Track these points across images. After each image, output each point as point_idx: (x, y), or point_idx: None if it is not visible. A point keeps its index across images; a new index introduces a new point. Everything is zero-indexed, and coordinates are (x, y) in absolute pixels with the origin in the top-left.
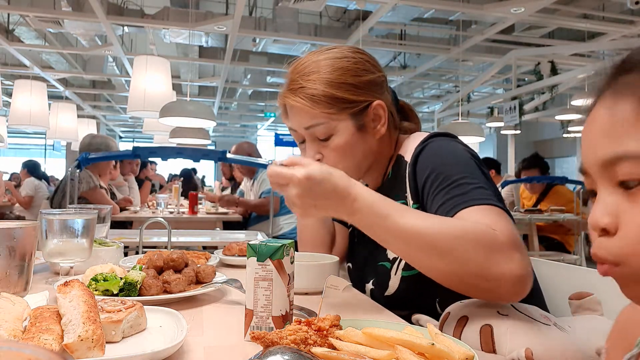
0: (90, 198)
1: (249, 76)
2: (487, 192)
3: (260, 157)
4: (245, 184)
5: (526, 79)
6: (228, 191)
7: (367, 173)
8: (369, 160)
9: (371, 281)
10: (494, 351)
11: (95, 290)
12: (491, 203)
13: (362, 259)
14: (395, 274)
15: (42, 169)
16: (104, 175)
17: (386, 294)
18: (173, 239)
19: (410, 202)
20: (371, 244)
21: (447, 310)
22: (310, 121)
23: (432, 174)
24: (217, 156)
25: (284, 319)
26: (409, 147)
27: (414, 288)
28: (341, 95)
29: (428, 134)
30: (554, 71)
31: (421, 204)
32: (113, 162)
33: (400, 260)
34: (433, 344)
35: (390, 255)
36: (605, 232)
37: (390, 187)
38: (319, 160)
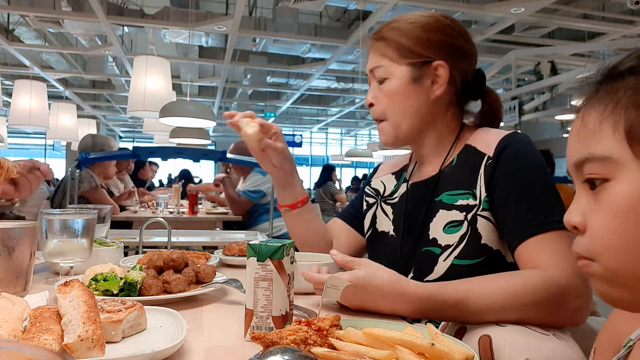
0: (91, 198)
1: (249, 76)
2: (557, 210)
3: None
4: (240, 184)
5: (526, 79)
6: None
7: (424, 149)
8: (420, 119)
9: (410, 274)
10: None
11: (95, 290)
12: (557, 227)
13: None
14: (445, 260)
15: None
16: (105, 175)
17: (427, 278)
18: (173, 239)
19: (483, 194)
20: (411, 239)
21: None
22: (375, 63)
23: (515, 177)
24: (217, 156)
25: (284, 319)
26: (483, 139)
27: (462, 277)
28: (404, 43)
29: (507, 132)
30: (554, 71)
31: (493, 198)
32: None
33: (455, 248)
34: (433, 344)
35: (443, 241)
36: (577, 229)
37: (451, 175)
38: (372, 105)
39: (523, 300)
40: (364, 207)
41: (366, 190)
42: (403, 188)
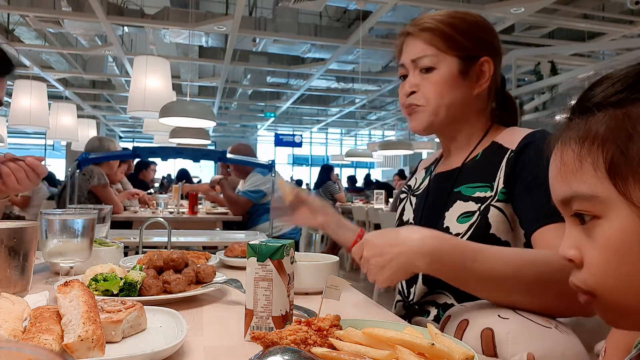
0: (99, 194)
1: (249, 76)
2: None
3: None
4: (241, 185)
5: (526, 79)
6: None
7: (453, 142)
8: (458, 111)
9: None
10: (495, 355)
11: (95, 290)
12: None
13: None
14: None
15: None
16: (111, 179)
17: None
18: (173, 239)
19: (500, 186)
20: (427, 227)
21: (447, 313)
22: (420, 52)
23: (538, 170)
24: (217, 156)
25: (284, 319)
26: (510, 137)
27: None
28: (456, 36)
29: (534, 129)
30: (554, 71)
31: (512, 188)
32: (117, 163)
33: (462, 236)
34: (433, 344)
35: (454, 230)
36: (573, 262)
37: (473, 169)
38: (413, 92)
39: (538, 268)
40: (398, 203)
41: (402, 188)
42: (428, 180)
